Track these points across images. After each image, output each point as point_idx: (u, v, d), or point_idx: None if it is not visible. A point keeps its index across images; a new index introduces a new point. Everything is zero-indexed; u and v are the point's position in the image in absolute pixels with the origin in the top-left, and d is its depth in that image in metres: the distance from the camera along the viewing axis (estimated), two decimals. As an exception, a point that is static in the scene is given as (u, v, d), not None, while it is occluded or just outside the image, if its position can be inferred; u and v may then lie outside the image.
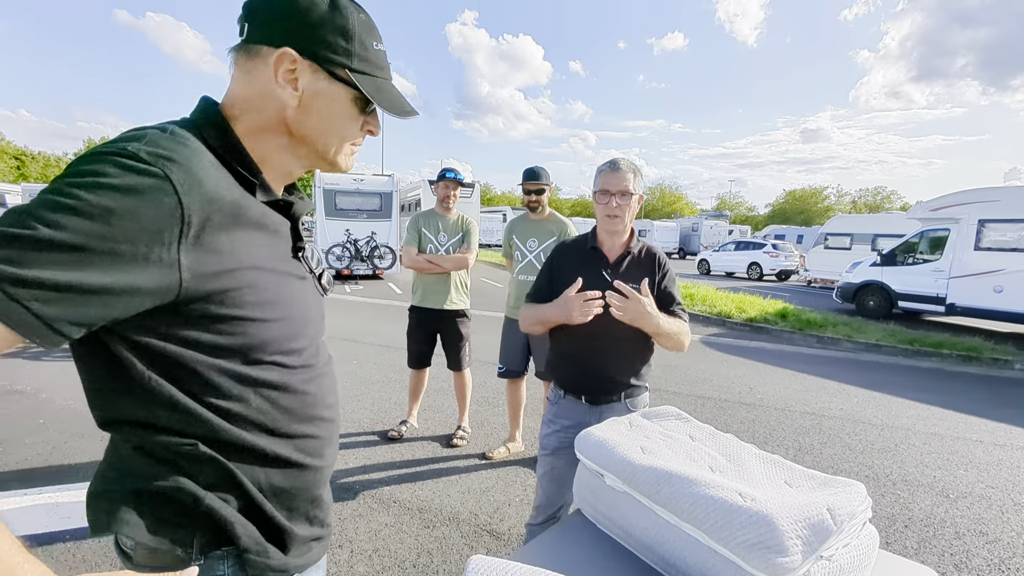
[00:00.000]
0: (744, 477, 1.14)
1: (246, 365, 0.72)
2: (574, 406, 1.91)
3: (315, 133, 0.77)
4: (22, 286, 0.53)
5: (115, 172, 0.58)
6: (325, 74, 0.74)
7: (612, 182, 1.81)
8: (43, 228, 0.54)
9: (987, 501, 3.26)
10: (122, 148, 0.60)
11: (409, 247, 3.54)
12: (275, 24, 0.72)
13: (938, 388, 5.91)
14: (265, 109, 0.75)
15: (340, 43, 0.74)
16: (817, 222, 44.58)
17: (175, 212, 0.60)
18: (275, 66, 0.72)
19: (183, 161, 0.63)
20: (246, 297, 0.69)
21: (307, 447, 0.82)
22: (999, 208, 9.15)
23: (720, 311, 9.92)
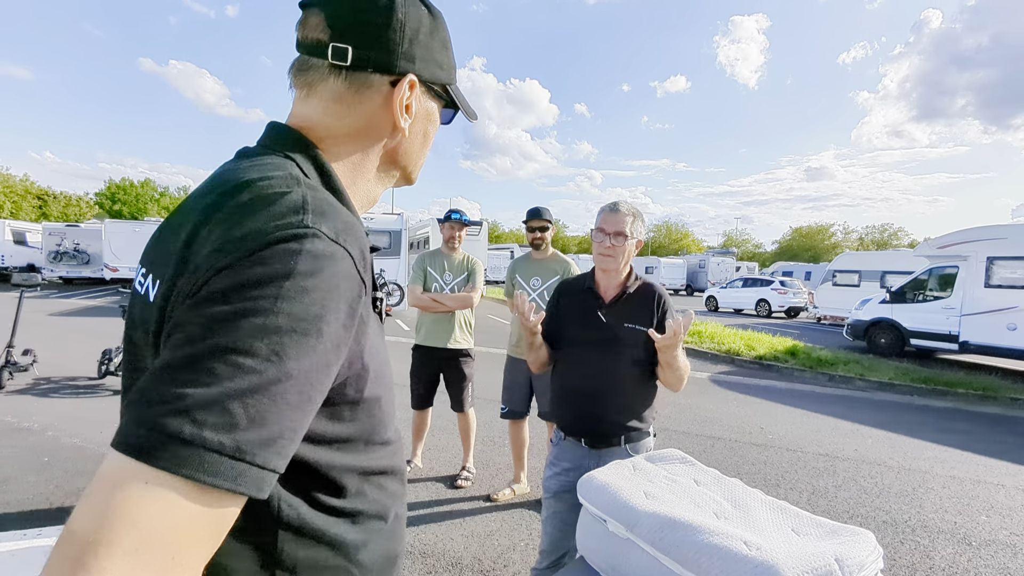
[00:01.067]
0: (750, 524, 1.12)
1: (366, 455, 0.62)
2: (575, 448, 1.89)
3: (413, 157, 0.72)
4: (259, 448, 0.42)
5: (308, 264, 0.47)
6: (430, 94, 0.69)
7: (610, 222, 1.84)
8: (264, 366, 0.43)
9: (1012, 549, 3.13)
10: (302, 226, 0.48)
11: (414, 286, 3.58)
12: (391, 48, 0.62)
13: (955, 429, 5.76)
14: (370, 140, 0.66)
15: (446, 59, 0.69)
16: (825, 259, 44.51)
17: (360, 292, 0.52)
18: (396, 95, 0.64)
19: (347, 227, 0.53)
20: (369, 372, 0.58)
21: (402, 528, 0.72)
22: (1007, 246, 9.12)
23: (729, 348, 9.82)
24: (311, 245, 0.47)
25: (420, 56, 0.65)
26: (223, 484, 0.40)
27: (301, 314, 0.45)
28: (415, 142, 0.70)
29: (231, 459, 0.41)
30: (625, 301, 1.89)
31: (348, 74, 0.62)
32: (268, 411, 0.43)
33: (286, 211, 0.49)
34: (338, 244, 0.50)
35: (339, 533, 0.59)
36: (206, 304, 0.45)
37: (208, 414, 0.40)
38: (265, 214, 0.49)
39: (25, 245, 22.91)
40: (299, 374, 0.45)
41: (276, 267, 0.45)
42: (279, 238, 0.47)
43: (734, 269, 34.69)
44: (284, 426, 0.44)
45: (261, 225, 0.48)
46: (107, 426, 4.51)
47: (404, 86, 0.64)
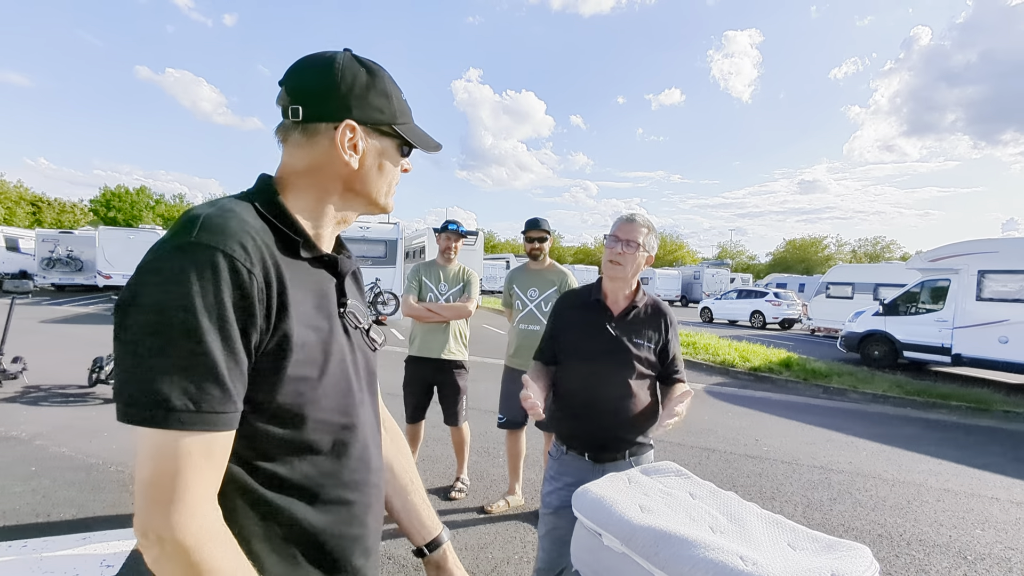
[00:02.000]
0: (746, 539, 1.11)
1: (292, 428, 0.73)
2: (577, 463, 1.86)
3: (371, 185, 0.86)
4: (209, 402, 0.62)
5: (188, 265, 0.64)
6: (376, 133, 0.84)
7: (624, 230, 1.84)
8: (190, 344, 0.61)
9: (1007, 564, 3.13)
10: (188, 239, 0.66)
11: (409, 296, 3.57)
12: (331, 103, 0.80)
13: (949, 441, 5.77)
14: (326, 174, 0.82)
15: (384, 104, 0.83)
16: (818, 271, 44.79)
17: (249, 280, 0.67)
18: (340, 137, 0.80)
19: (230, 233, 0.68)
20: (295, 356, 0.71)
21: (349, 515, 0.81)
22: (998, 259, 9.21)
23: (724, 360, 9.83)
24: (191, 249, 0.64)
25: (356, 105, 0.80)
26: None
27: (185, 302, 0.61)
28: (370, 173, 0.85)
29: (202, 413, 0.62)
30: (634, 315, 1.88)
31: (303, 126, 0.80)
32: (198, 376, 0.62)
33: (186, 227, 0.67)
34: (215, 248, 0.65)
35: (258, 494, 0.71)
36: (124, 308, 0.64)
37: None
38: (172, 232, 0.68)
39: (18, 251, 22.76)
40: (201, 344, 0.62)
41: (173, 275, 0.63)
42: (170, 247, 0.65)
43: (728, 281, 34.82)
44: (201, 381, 0.62)
45: (165, 238, 0.67)
46: (97, 435, 4.45)
47: (343, 128, 0.80)
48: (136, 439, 0.62)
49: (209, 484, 0.64)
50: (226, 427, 0.64)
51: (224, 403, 0.63)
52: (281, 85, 0.83)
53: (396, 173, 0.89)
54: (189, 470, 0.61)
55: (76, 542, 2.74)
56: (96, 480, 3.61)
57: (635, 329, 1.85)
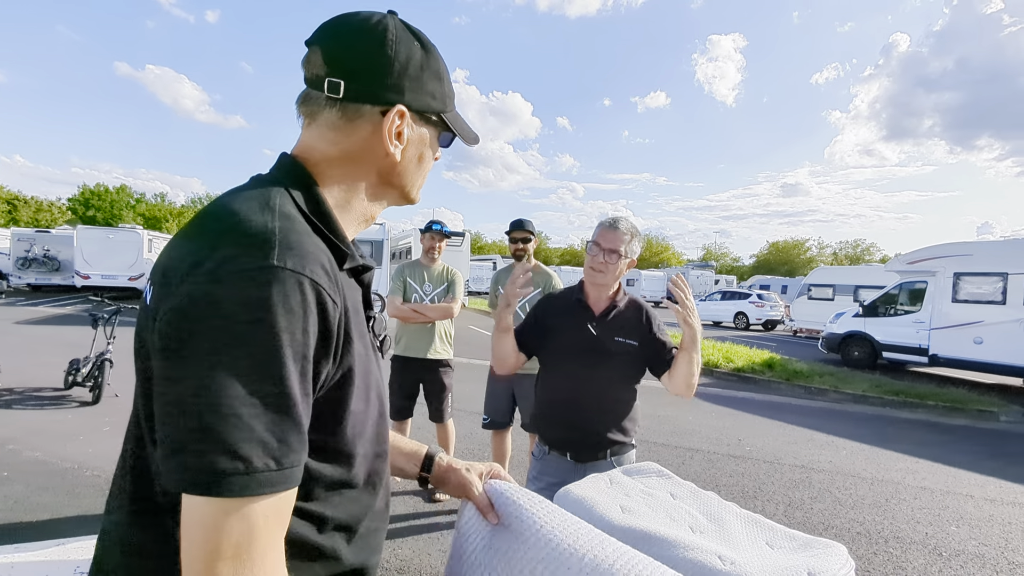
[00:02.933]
0: (725, 538, 1.12)
1: (341, 465, 0.66)
2: (559, 463, 1.87)
3: (408, 178, 0.76)
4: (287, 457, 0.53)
5: (279, 294, 0.53)
6: (422, 121, 0.73)
7: (606, 238, 1.83)
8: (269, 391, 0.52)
9: (981, 560, 3.20)
10: (268, 259, 0.54)
11: (394, 296, 3.55)
12: (382, 82, 0.68)
13: (925, 440, 5.89)
14: (363, 164, 0.71)
15: (437, 89, 0.73)
16: (800, 273, 45.48)
17: (331, 310, 0.58)
18: (388, 125, 0.69)
19: (309, 257, 0.58)
20: (349, 384, 0.63)
21: (377, 544, 0.75)
22: (973, 262, 9.45)
23: (708, 361, 9.93)
24: (278, 277, 0.53)
25: (410, 87, 0.70)
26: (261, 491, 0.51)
27: (273, 341, 0.51)
28: (409, 165, 0.75)
29: (283, 470, 0.52)
30: (615, 315, 1.89)
31: (341, 105, 0.68)
32: (280, 428, 0.52)
33: (258, 243, 0.55)
34: (301, 275, 0.55)
35: (302, 534, 0.63)
36: (174, 344, 0.52)
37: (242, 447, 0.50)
38: (231, 251, 0.54)
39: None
40: (285, 389, 0.52)
41: (240, 305, 0.51)
42: (248, 270, 0.53)
43: (713, 282, 35.24)
44: (284, 433, 0.52)
45: (225, 262, 0.53)
46: (72, 439, 4.35)
47: (393, 115, 0.69)
48: (188, 500, 0.50)
49: (281, 549, 0.54)
50: (297, 483, 0.55)
51: (301, 454, 0.54)
52: (310, 45, 0.69)
53: (431, 164, 0.79)
54: (266, 537, 0.52)
55: (49, 548, 2.68)
56: (71, 485, 3.53)
57: (616, 329, 1.87)
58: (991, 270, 9.15)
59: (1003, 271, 8.97)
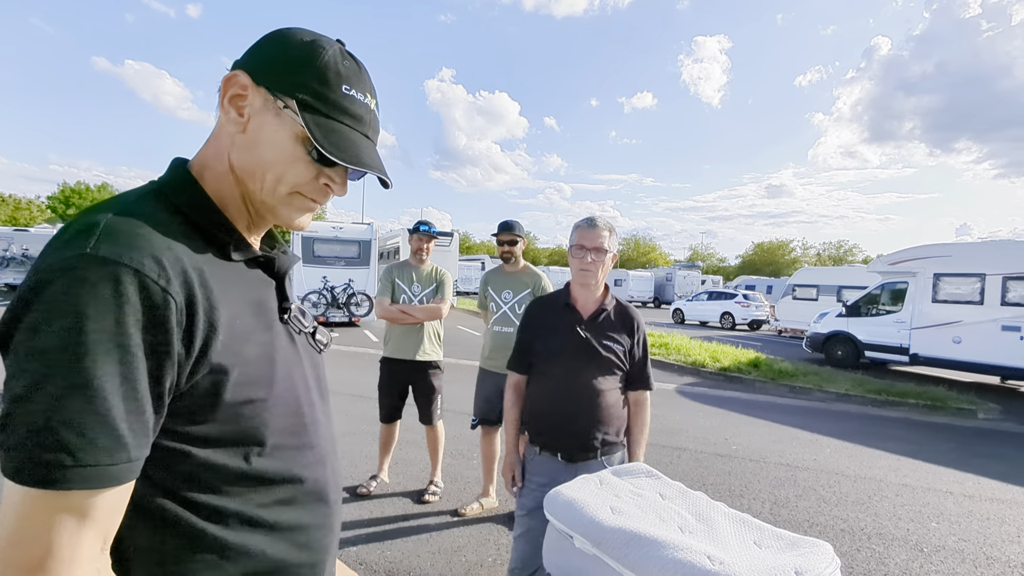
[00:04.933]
0: (713, 538, 1.13)
1: (241, 457, 0.64)
2: (550, 463, 1.89)
3: (253, 167, 0.67)
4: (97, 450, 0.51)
5: (87, 289, 0.52)
6: (275, 106, 0.66)
7: (588, 238, 1.86)
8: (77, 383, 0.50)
9: (960, 555, 3.27)
10: (81, 253, 0.53)
11: (382, 297, 3.53)
12: (245, 57, 0.68)
13: (907, 438, 6.00)
14: (220, 144, 0.68)
15: (299, 74, 0.66)
16: (785, 273, 46.09)
17: (165, 300, 0.56)
18: (223, 88, 0.66)
19: (145, 242, 0.57)
20: (235, 377, 0.62)
21: (308, 540, 0.72)
22: (952, 263, 9.65)
23: (694, 360, 10.02)
24: (86, 265, 0.52)
25: (263, 64, 0.67)
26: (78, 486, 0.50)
27: (74, 332, 0.50)
28: (252, 152, 0.67)
29: (78, 468, 0.50)
30: (603, 318, 1.92)
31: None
32: (88, 423, 0.50)
33: (80, 236, 0.55)
34: (119, 263, 0.53)
35: (201, 529, 0.62)
36: (20, 336, 0.52)
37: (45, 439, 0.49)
38: (62, 241, 0.55)
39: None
40: (100, 387, 0.50)
41: (58, 297, 0.51)
42: (59, 260, 0.53)
43: (700, 282, 35.56)
44: (102, 429, 0.51)
45: (54, 248, 0.55)
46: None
47: (229, 80, 0.66)
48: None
49: (84, 544, 0.51)
50: (112, 482, 0.52)
51: (113, 453, 0.51)
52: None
53: (296, 173, 0.68)
54: (57, 533, 0.49)
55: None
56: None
57: (604, 331, 1.89)
58: (969, 271, 9.35)
59: (981, 272, 9.17)
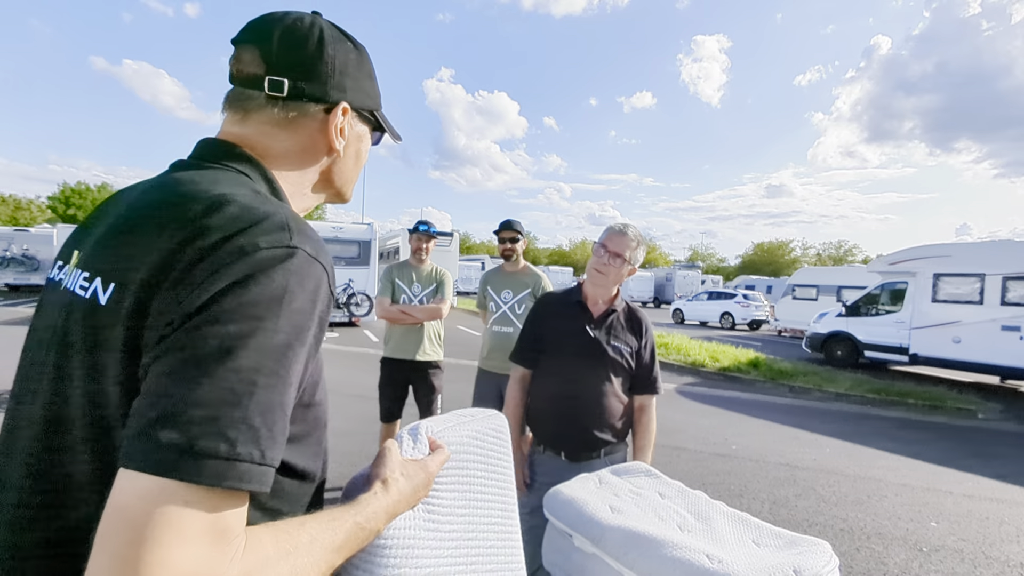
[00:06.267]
0: (712, 537, 1.14)
1: (306, 457, 0.65)
2: (553, 462, 1.89)
3: (347, 174, 0.79)
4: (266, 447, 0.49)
5: (297, 282, 0.53)
6: (359, 117, 0.77)
7: (614, 242, 1.87)
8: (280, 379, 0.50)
9: (960, 555, 3.27)
10: (290, 245, 0.53)
11: (382, 298, 3.53)
12: (324, 81, 0.70)
13: (906, 438, 6.01)
14: (307, 159, 0.73)
15: (372, 87, 0.77)
16: (785, 273, 46.09)
17: (331, 304, 0.59)
18: (332, 121, 0.72)
19: (320, 245, 0.58)
20: (320, 377, 0.65)
21: None
22: (951, 263, 9.65)
23: (694, 360, 10.02)
24: (297, 264, 0.53)
25: (350, 87, 0.73)
26: (254, 487, 0.47)
27: (294, 331, 0.51)
28: (348, 162, 0.78)
29: (259, 465, 0.47)
30: (613, 319, 1.92)
31: (284, 103, 0.68)
32: (276, 421, 0.49)
33: (273, 229, 0.54)
34: (317, 261, 0.55)
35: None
36: (211, 323, 0.48)
37: (236, 431, 0.46)
38: (256, 231, 0.53)
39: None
40: (290, 382, 0.51)
41: (273, 287, 0.51)
42: (272, 257, 0.52)
43: (700, 283, 35.55)
44: (280, 429, 0.50)
45: (255, 241, 0.52)
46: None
47: (338, 113, 0.72)
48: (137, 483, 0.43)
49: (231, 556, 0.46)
50: (262, 486, 0.49)
51: (278, 453, 0.50)
52: (240, 44, 0.69)
53: (365, 160, 0.83)
54: (217, 542, 0.45)
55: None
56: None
57: (612, 332, 1.90)
58: (969, 271, 9.36)
59: (980, 272, 9.17)
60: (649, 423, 1.95)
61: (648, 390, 1.95)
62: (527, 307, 3.30)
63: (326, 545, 0.54)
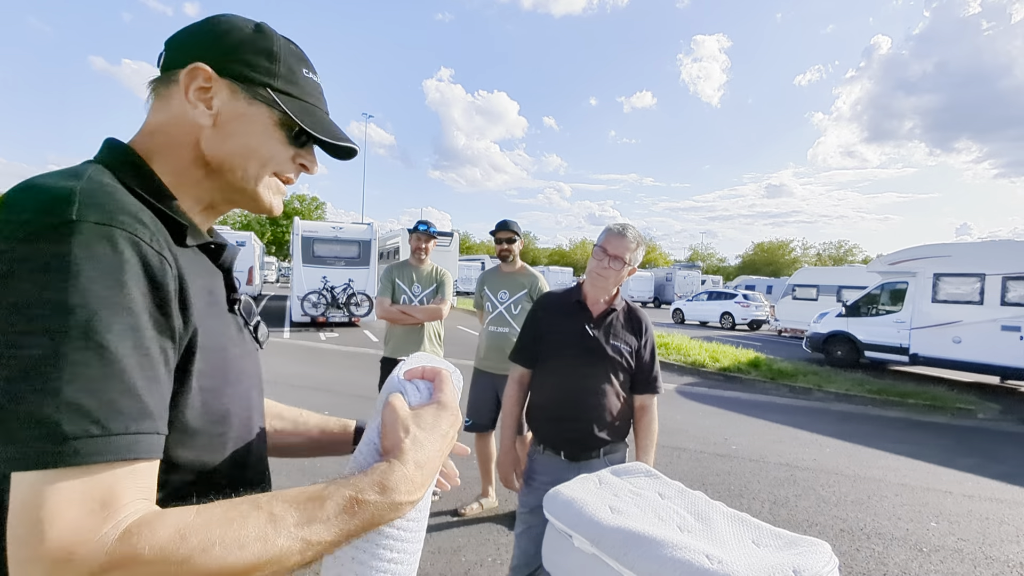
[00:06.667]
0: (712, 537, 1.14)
1: (198, 451, 0.62)
2: (553, 462, 1.90)
3: (233, 158, 0.68)
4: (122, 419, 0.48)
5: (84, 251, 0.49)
6: (245, 95, 0.67)
7: (613, 245, 1.86)
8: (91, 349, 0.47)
9: (960, 555, 3.27)
10: (67, 216, 0.50)
11: (383, 298, 3.54)
12: (192, 47, 0.66)
13: (906, 438, 6.01)
14: (178, 135, 0.67)
15: (262, 63, 0.68)
16: (785, 273, 46.07)
17: (162, 265, 0.55)
18: (185, 82, 0.65)
19: (123, 210, 0.55)
20: (199, 363, 0.60)
21: None
22: (951, 263, 9.65)
23: (694, 360, 10.02)
24: (82, 236, 0.49)
25: (221, 52, 0.66)
26: (107, 458, 0.47)
27: (96, 302, 0.48)
28: (228, 142, 0.67)
29: (105, 437, 0.47)
30: (613, 319, 1.93)
31: (161, 76, 0.68)
32: (111, 393, 0.47)
33: (56, 202, 0.51)
34: (111, 226, 0.51)
35: None
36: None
37: (59, 415, 0.45)
38: (28, 209, 0.50)
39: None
40: (118, 354, 0.48)
41: (51, 264, 0.48)
42: (45, 234, 0.49)
43: (700, 282, 35.56)
44: (127, 395, 0.48)
45: (27, 220, 0.49)
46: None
47: (191, 73, 0.65)
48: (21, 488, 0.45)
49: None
50: (148, 453, 0.50)
51: (141, 421, 0.49)
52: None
53: (276, 155, 0.70)
54: (86, 517, 0.45)
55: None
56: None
57: (612, 332, 1.90)
58: (969, 271, 9.35)
59: (980, 272, 9.17)
60: (651, 423, 1.95)
61: (648, 389, 1.96)
62: (523, 308, 3.30)
63: (297, 521, 0.52)
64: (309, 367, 8.27)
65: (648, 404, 1.96)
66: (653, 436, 1.95)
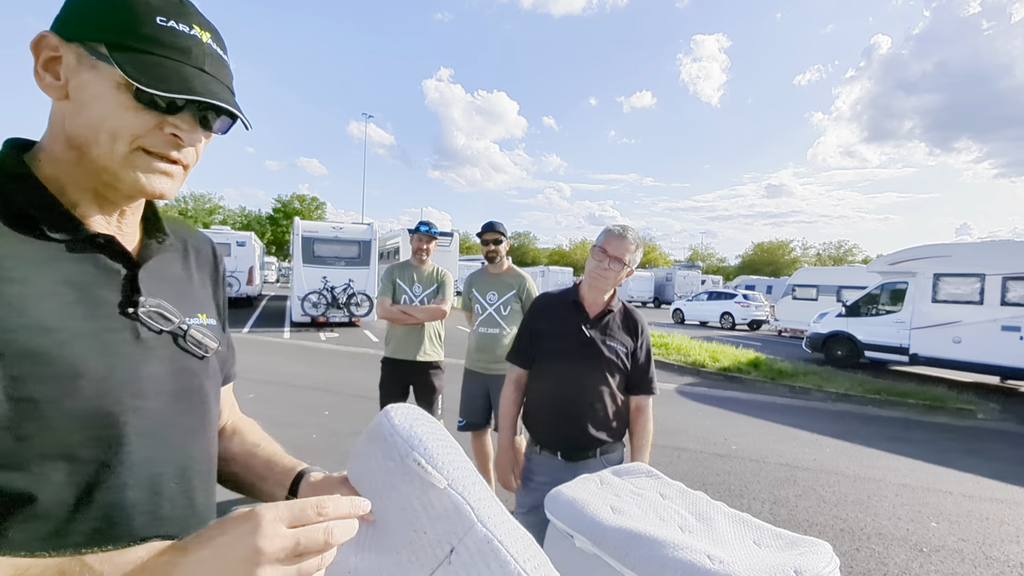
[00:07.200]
0: (713, 537, 1.14)
1: (11, 470, 0.52)
2: (550, 462, 1.90)
3: (87, 131, 0.59)
4: None
5: None
6: (90, 58, 0.58)
7: (613, 246, 1.86)
8: None
9: (960, 555, 3.27)
10: None
11: (383, 298, 3.54)
12: (53, 22, 0.61)
13: (906, 438, 6.01)
14: (52, 117, 0.62)
15: (103, 17, 0.58)
16: (785, 273, 46.05)
17: None
18: (35, 54, 0.58)
19: None
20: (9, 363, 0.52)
21: None
22: (951, 263, 9.66)
23: (694, 360, 10.02)
24: None
25: (70, 17, 0.59)
26: None
27: None
28: (80, 115, 0.59)
29: None
30: (609, 320, 1.93)
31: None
32: None
33: None
34: None
35: None
36: None
37: None
38: None
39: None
40: None
41: None
42: None
43: (700, 282, 35.58)
44: None
45: None
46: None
47: (38, 43, 0.59)
48: None
49: None
50: None
51: None
52: None
53: (129, 123, 0.59)
54: None
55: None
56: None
57: (609, 332, 1.91)
58: (969, 271, 9.36)
59: (980, 272, 9.17)
60: (646, 424, 1.95)
61: (644, 390, 1.96)
62: (512, 308, 3.32)
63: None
64: (309, 367, 8.27)
65: (643, 405, 1.96)
66: (648, 437, 1.95)
